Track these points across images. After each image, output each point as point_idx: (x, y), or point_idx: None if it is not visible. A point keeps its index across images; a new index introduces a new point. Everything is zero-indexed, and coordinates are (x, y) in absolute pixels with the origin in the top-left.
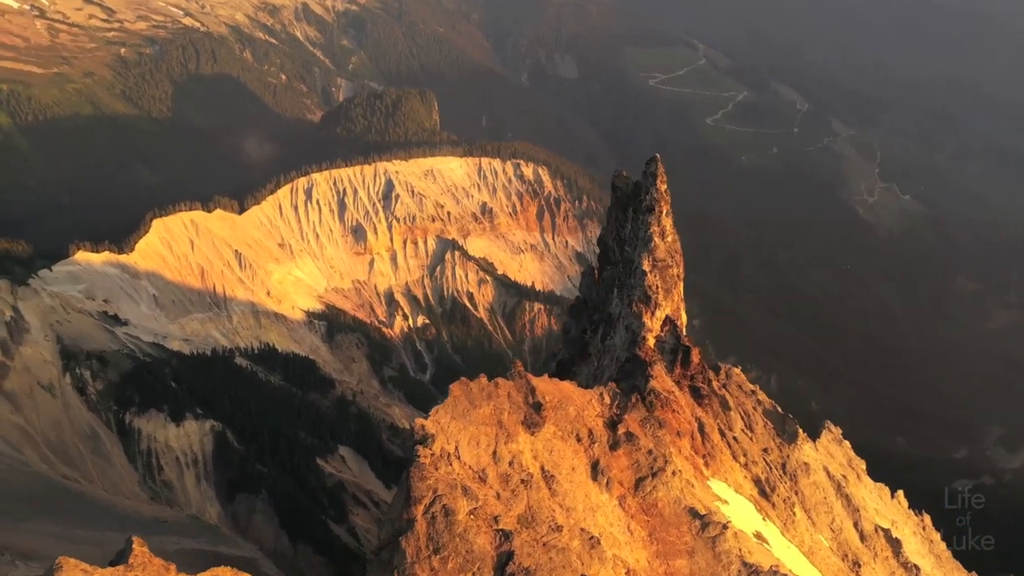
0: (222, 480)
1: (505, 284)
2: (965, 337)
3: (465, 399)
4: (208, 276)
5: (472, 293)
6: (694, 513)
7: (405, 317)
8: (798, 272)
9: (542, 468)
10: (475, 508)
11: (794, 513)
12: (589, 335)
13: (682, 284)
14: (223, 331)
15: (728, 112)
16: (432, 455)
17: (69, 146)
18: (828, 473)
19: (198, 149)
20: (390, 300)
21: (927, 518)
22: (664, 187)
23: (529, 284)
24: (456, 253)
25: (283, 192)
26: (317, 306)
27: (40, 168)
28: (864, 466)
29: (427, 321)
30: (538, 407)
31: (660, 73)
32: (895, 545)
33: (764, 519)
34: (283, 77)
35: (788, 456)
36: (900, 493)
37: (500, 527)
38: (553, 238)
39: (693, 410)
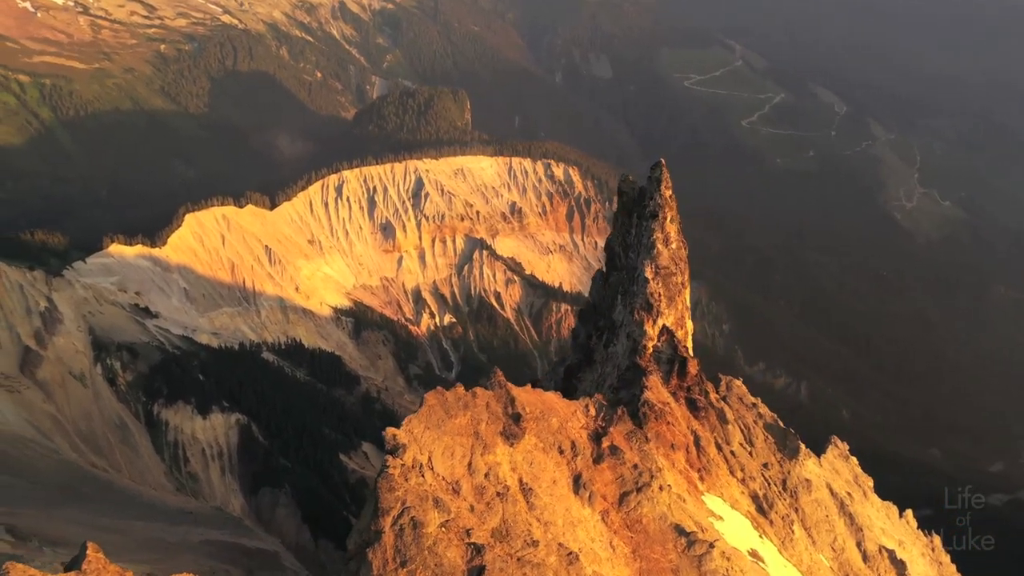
0: (246, 473)
1: (533, 284)
2: (1003, 347)
3: (440, 408)
4: (238, 271)
5: (499, 293)
6: (680, 530)
7: (432, 315)
8: (832, 278)
9: (520, 481)
10: (447, 521)
11: (793, 531)
12: (595, 341)
13: (688, 292)
14: (251, 325)
15: (764, 114)
16: (402, 465)
17: (108, 141)
18: (831, 490)
19: (233, 145)
20: (417, 298)
21: (937, 539)
22: (669, 193)
23: (557, 285)
24: (484, 252)
25: (314, 189)
26: (345, 303)
27: (80, 162)
28: (872, 483)
29: (454, 320)
30: (517, 418)
31: (696, 74)
32: (900, 567)
33: (761, 536)
34: (318, 74)
35: (789, 472)
36: (909, 512)
37: (472, 541)
38: (582, 239)
39: (689, 422)
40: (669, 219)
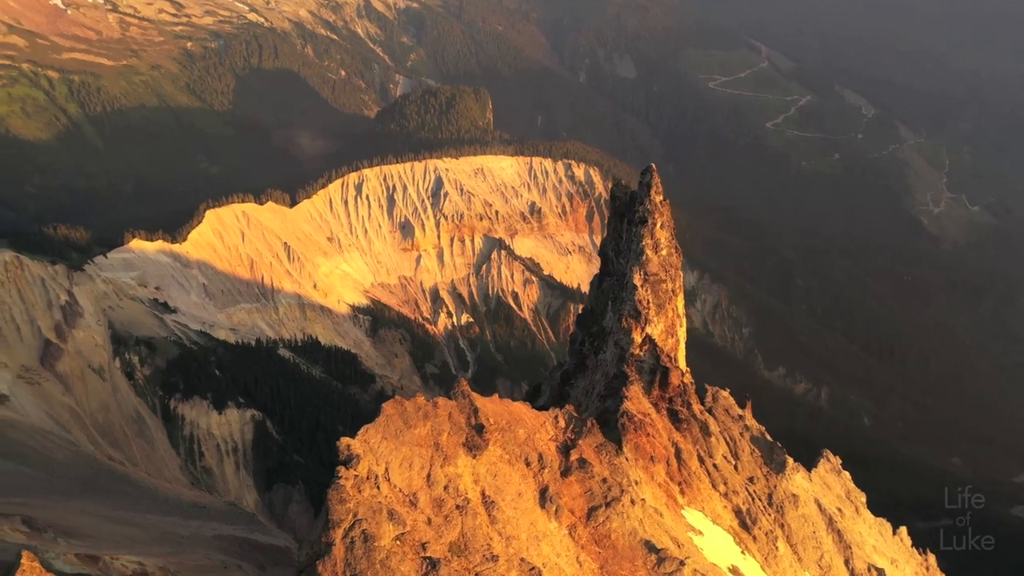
0: (260, 469)
1: (551, 285)
2: None
3: (399, 418)
4: (257, 267)
5: (517, 293)
6: (650, 547)
7: (449, 314)
8: (855, 283)
9: (483, 493)
10: (402, 534)
11: (777, 547)
12: (587, 347)
13: (680, 299)
14: (269, 322)
15: (790, 116)
16: (356, 477)
17: (134, 137)
18: (820, 506)
19: (257, 142)
20: (435, 297)
21: (931, 558)
22: (660, 199)
23: (575, 286)
24: (503, 252)
25: (334, 187)
26: (362, 300)
27: (106, 158)
28: (864, 499)
29: (471, 319)
30: (481, 429)
31: (720, 75)
32: None
33: (743, 552)
34: (343, 73)
35: (775, 486)
36: (903, 530)
37: (428, 555)
38: (602, 240)
39: (671, 434)
40: (659, 225)
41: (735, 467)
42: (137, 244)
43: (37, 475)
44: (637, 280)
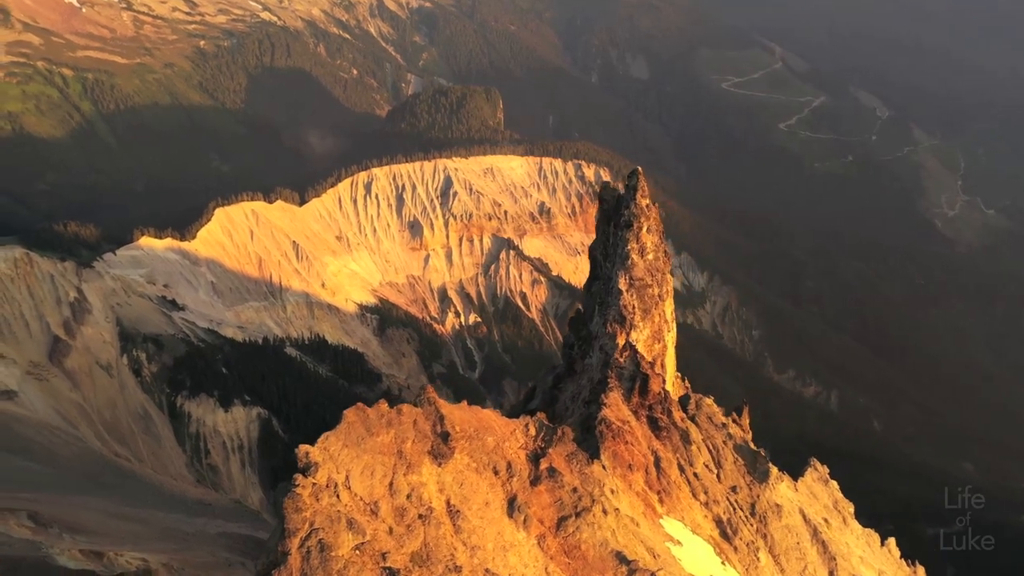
0: (266, 467)
1: (559, 285)
2: None
3: (361, 426)
4: (265, 266)
5: (525, 293)
6: (621, 558)
7: (457, 314)
8: (867, 285)
9: (448, 502)
10: (362, 543)
11: (758, 558)
12: (576, 352)
13: (668, 304)
14: (277, 320)
15: (803, 117)
16: (314, 485)
17: (147, 135)
18: (804, 516)
19: (268, 141)
20: (443, 297)
21: (921, 570)
22: (646, 202)
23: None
24: (511, 252)
25: (343, 185)
26: (370, 300)
27: (119, 155)
28: (852, 509)
29: (479, 319)
30: (446, 436)
31: (734, 76)
32: None
33: (724, 563)
34: (355, 72)
35: (758, 496)
36: (891, 541)
37: (388, 565)
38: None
39: (650, 442)
40: (645, 229)
41: (717, 476)
42: (146, 241)
43: (44, 470)
44: (622, 285)
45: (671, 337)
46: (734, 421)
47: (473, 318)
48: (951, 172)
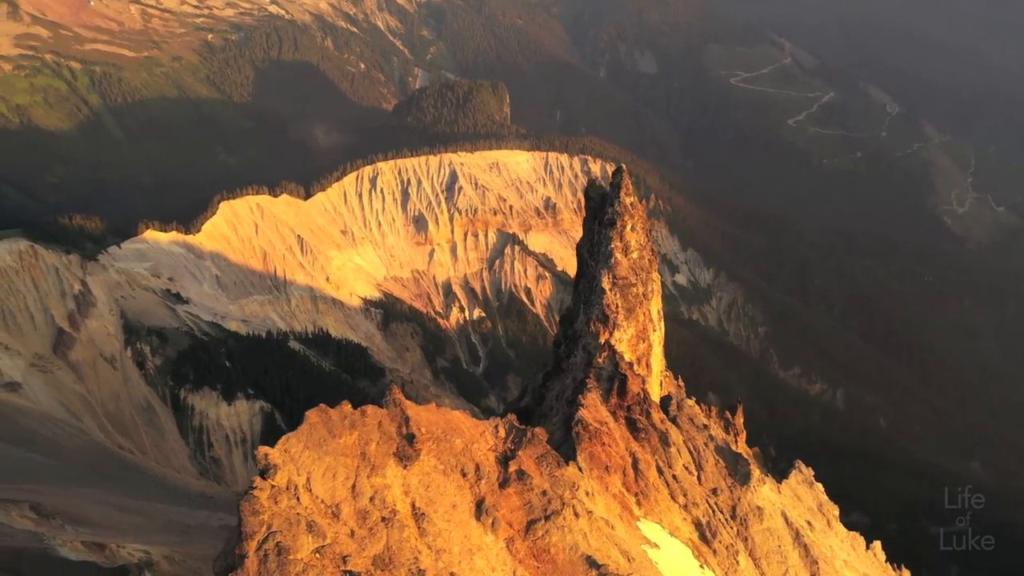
0: None
1: (564, 281)
2: None
3: (323, 427)
4: (270, 259)
5: (530, 288)
6: (591, 562)
7: (461, 309)
8: (876, 283)
9: (413, 505)
10: (322, 546)
11: (738, 561)
12: (564, 350)
13: (654, 304)
14: (281, 314)
15: (812, 113)
16: (273, 487)
17: (154, 128)
18: (787, 519)
19: (275, 134)
20: (448, 291)
21: (906, 573)
22: (630, 200)
23: None
24: (516, 247)
25: (349, 180)
26: (375, 294)
27: (126, 149)
28: (837, 512)
29: (483, 314)
30: (411, 438)
31: (742, 71)
32: None
33: (702, 566)
34: (362, 66)
35: (739, 499)
36: (876, 544)
37: (349, 568)
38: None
39: (628, 444)
40: (629, 227)
41: (698, 478)
42: (151, 235)
43: (47, 462)
44: (606, 284)
45: (657, 337)
46: (727, 420)
47: (477, 313)
48: (961, 168)
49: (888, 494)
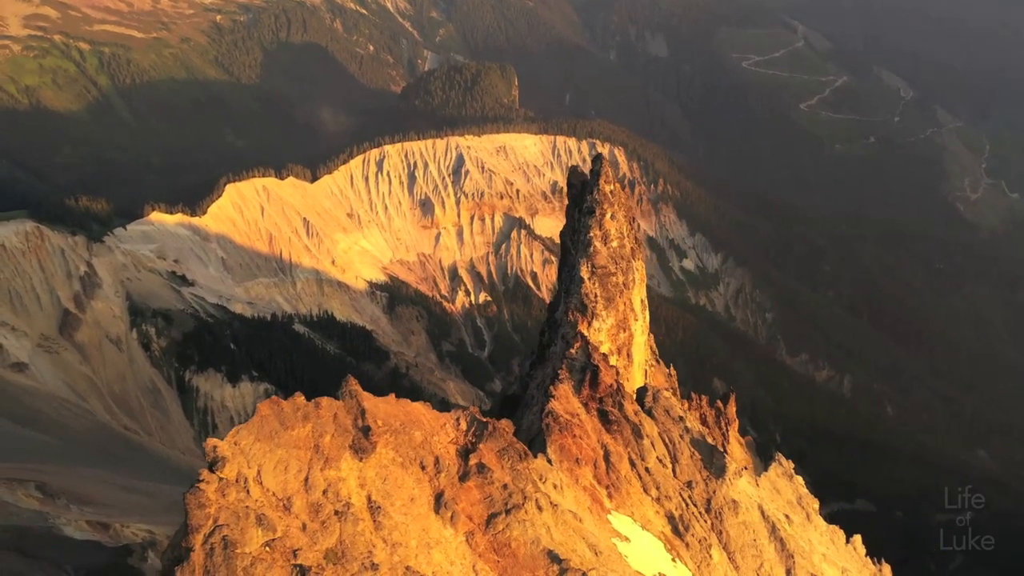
0: None
1: None
2: None
3: (275, 419)
4: (276, 242)
5: (536, 273)
6: (553, 556)
7: (467, 293)
8: (886, 270)
9: (369, 498)
10: (272, 540)
11: (711, 555)
12: (546, 338)
13: (635, 293)
14: (286, 296)
15: (824, 98)
16: (220, 480)
17: (162, 109)
18: (763, 512)
19: (282, 116)
20: (453, 275)
21: (887, 568)
22: (609, 188)
23: None
24: (522, 232)
25: (355, 163)
26: (380, 277)
27: (134, 130)
28: (817, 505)
29: (489, 298)
30: (367, 431)
31: (754, 55)
32: None
33: (674, 560)
34: (371, 48)
35: (715, 492)
36: (857, 538)
37: (299, 562)
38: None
39: (600, 436)
40: (609, 216)
41: (672, 471)
42: (157, 217)
43: (53, 442)
44: (584, 273)
45: (639, 326)
46: (719, 410)
47: (483, 297)
48: (975, 155)
49: (894, 482)
